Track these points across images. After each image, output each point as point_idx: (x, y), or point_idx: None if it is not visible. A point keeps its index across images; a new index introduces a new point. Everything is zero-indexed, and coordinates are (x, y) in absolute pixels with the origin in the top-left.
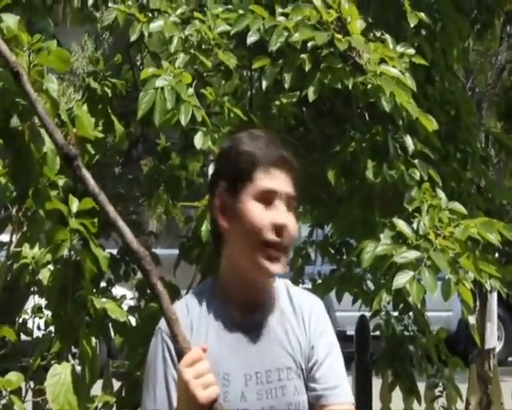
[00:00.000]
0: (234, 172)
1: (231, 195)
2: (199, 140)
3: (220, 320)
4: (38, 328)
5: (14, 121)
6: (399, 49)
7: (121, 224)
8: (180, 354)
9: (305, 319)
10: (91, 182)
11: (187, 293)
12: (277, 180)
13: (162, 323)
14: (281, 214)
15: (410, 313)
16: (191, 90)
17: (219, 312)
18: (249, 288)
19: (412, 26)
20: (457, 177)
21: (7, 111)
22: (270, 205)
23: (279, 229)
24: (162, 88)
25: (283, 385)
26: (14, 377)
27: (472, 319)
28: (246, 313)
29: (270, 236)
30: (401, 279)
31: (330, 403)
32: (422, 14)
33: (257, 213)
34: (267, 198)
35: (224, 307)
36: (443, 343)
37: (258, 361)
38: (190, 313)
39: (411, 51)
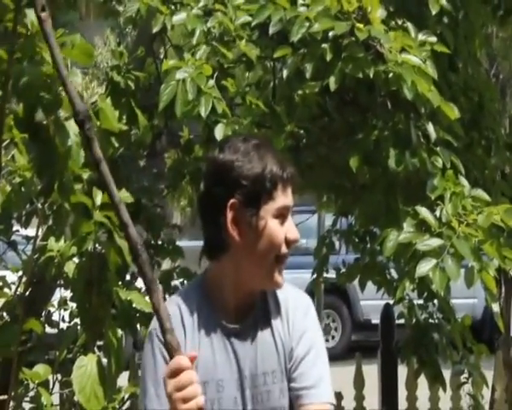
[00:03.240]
0: (255, 189)
1: (248, 209)
2: (219, 131)
3: (212, 326)
4: (63, 320)
5: (39, 115)
6: (421, 37)
7: (123, 208)
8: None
9: (289, 319)
10: (97, 149)
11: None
12: (289, 196)
13: (154, 325)
14: (293, 229)
15: (435, 301)
16: (212, 82)
17: (211, 318)
18: (244, 295)
19: (434, 13)
20: (482, 164)
21: (32, 105)
22: (284, 220)
23: (291, 243)
24: (183, 80)
25: (268, 390)
26: (41, 369)
27: (496, 307)
28: (236, 319)
29: (284, 250)
30: (424, 267)
31: (305, 403)
32: (444, 2)
33: (277, 229)
34: (283, 214)
35: (215, 312)
36: (468, 330)
37: (247, 366)
38: (184, 318)
39: (433, 39)
